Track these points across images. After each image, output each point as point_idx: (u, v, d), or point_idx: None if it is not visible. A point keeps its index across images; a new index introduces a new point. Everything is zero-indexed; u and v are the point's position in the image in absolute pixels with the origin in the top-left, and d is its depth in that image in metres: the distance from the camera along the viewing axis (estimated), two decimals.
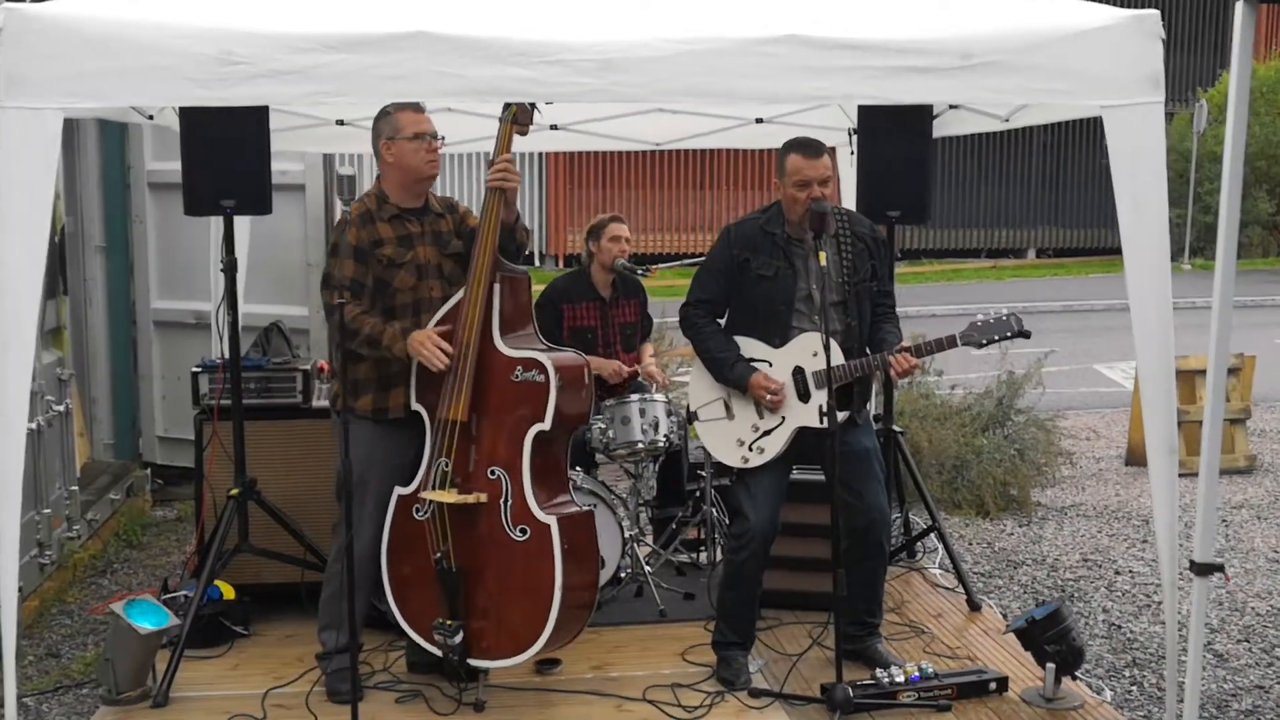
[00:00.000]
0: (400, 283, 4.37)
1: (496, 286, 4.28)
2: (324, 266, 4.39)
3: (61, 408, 6.01)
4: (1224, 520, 7.20)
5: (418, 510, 4.28)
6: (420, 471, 4.31)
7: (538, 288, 5.19)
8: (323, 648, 4.51)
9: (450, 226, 4.53)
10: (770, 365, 4.47)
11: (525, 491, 4.17)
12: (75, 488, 6.14)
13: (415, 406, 4.35)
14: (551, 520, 4.14)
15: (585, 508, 4.39)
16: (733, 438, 4.53)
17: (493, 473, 4.22)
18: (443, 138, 4.51)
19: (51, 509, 5.74)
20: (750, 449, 4.50)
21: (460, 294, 4.32)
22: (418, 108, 4.36)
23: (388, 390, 4.39)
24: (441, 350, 4.19)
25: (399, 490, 4.34)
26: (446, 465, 4.24)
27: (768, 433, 4.48)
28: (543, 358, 4.20)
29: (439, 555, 4.21)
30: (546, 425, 4.18)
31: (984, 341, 4.46)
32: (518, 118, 4.31)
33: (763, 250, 4.49)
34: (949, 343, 4.44)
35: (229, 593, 5.03)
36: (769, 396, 4.42)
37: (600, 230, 5.80)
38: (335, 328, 4.26)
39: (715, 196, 23.23)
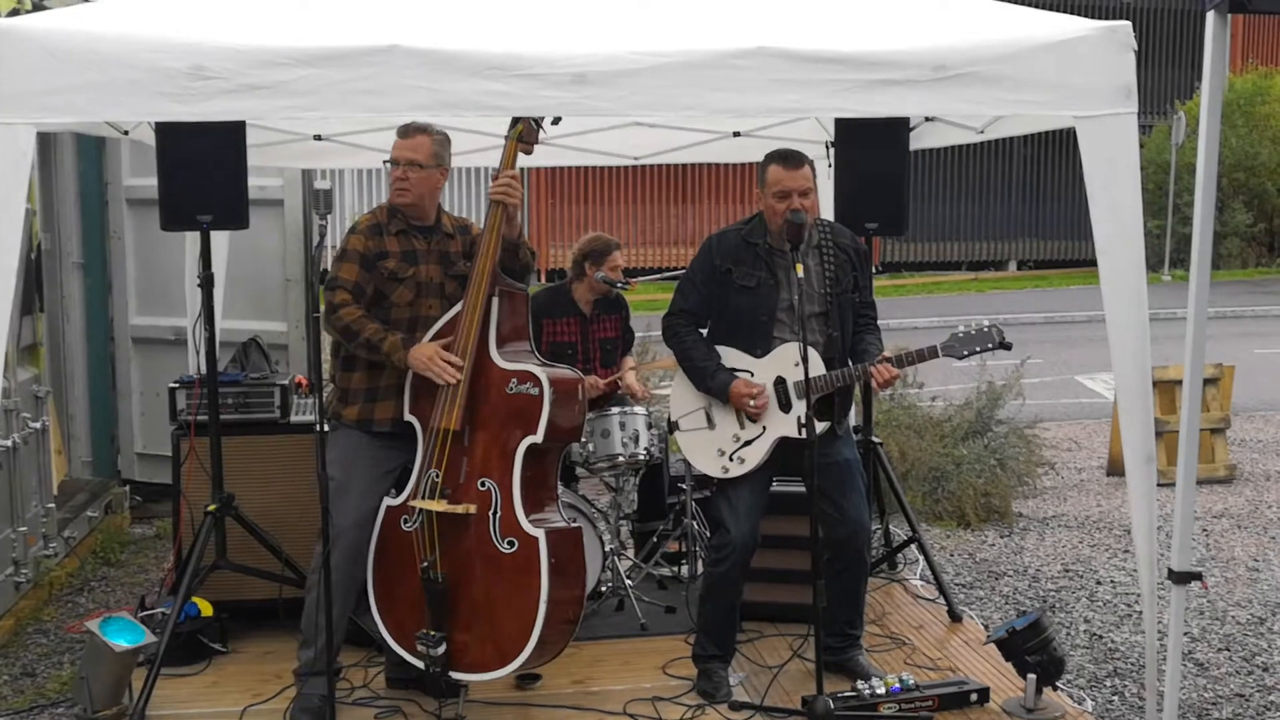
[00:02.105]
0: (398, 297, 4.37)
1: (495, 300, 4.28)
2: (330, 269, 4.37)
3: (38, 425, 5.97)
4: (1204, 530, 7.22)
5: (405, 521, 4.27)
6: (410, 482, 4.30)
7: None
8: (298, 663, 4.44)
9: (460, 248, 4.52)
10: (752, 375, 4.47)
11: (515, 504, 4.17)
12: (52, 505, 6.09)
13: (408, 417, 4.34)
14: (540, 534, 4.13)
15: (574, 524, 4.38)
16: (713, 448, 4.53)
17: (483, 484, 4.21)
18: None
19: (28, 527, 5.69)
20: (731, 459, 4.49)
21: (459, 305, 4.31)
22: (403, 132, 4.35)
23: (374, 403, 4.38)
24: (451, 365, 4.19)
25: (388, 501, 4.32)
26: (437, 476, 4.23)
27: (749, 443, 4.47)
28: (538, 371, 4.21)
29: (425, 565, 4.20)
30: (539, 438, 4.19)
31: (965, 353, 4.46)
32: (523, 136, 4.31)
33: (745, 261, 4.50)
34: (930, 353, 4.44)
35: (207, 610, 4.98)
36: (751, 402, 4.41)
37: (604, 257, 5.68)
38: (335, 328, 4.26)
39: (696, 210, 23.25)
